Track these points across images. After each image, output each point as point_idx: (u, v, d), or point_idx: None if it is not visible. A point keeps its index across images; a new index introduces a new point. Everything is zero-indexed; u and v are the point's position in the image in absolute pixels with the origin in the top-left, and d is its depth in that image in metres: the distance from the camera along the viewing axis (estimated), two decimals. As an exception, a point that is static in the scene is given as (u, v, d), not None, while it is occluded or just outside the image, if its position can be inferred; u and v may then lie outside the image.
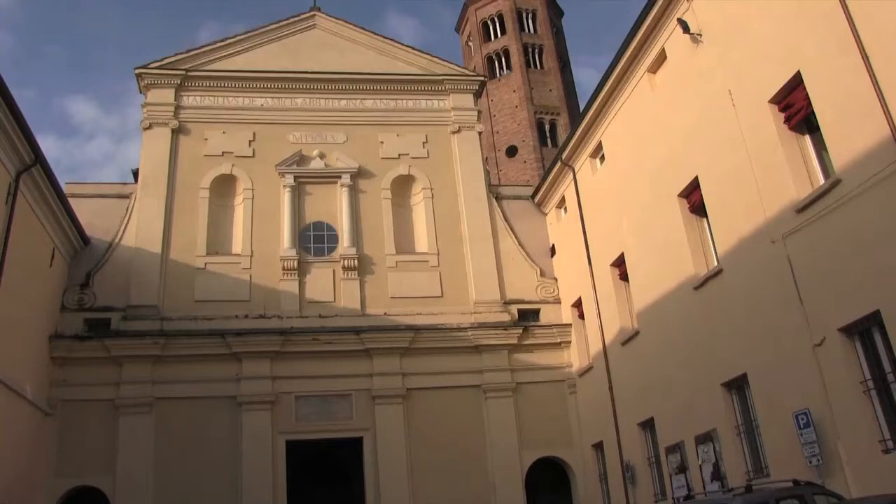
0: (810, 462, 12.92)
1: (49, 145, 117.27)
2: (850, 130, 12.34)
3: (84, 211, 22.89)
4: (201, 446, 21.43)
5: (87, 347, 21.74)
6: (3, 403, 17.55)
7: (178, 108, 25.64)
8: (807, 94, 13.43)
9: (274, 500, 21.32)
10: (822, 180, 13.56)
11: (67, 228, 22.00)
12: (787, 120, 14.20)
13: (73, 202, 22.03)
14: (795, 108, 13.93)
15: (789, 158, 14.02)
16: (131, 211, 23.98)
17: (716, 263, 16.79)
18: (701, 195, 17.07)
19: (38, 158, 18.84)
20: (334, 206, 25.26)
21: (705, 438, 16.74)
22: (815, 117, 13.37)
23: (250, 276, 23.72)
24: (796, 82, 13.70)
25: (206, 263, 23.68)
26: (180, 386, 21.93)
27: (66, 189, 22.13)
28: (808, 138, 14.12)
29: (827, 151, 13.27)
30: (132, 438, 21.14)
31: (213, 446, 21.53)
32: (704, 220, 17.48)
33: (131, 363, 21.87)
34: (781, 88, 14.06)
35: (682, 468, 17.73)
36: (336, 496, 25.46)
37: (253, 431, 21.82)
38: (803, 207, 13.40)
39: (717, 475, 16.22)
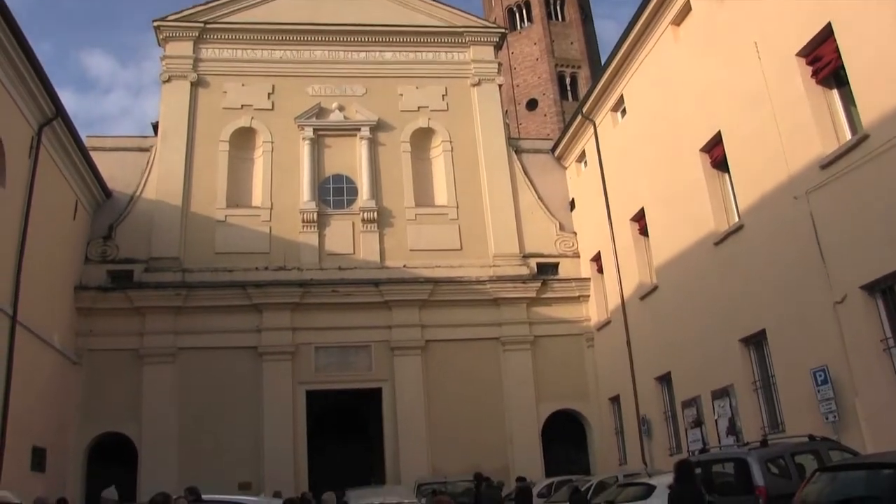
0: (826, 418, 12.97)
1: (66, 99, 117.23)
2: (880, 84, 12.07)
3: (105, 164, 23.02)
4: (223, 395, 21.85)
5: (111, 298, 22.10)
6: (32, 352, 17.95)
7: (196, 60, 25.52)
8: (836, 47, 13.12)
9: (294, 447, 21.78)
10: (848, 136, 13.32)
11: (89, 181, 22.18)
12: (815, 74, 13.89)
13: (93, 155, 22.18)
14: (824, 61, 13.62)
15: (815, 113, 13.77)
16: (152, 164, 24.09)
17: (737, 219, 16.66)
18: (723, 150, 16.86)
19: (59, 111, 18.91)
20: (353, 159, 25.22)
21: (722, 393, 16.83)
22: (844, 71, 13.10)
23: (270, 228, 23.87)
24: (826, 34, 13.37)
25: (226, 216, 23.84)
26: (202, 336, 22.29)
27: (86, 142, 22.25)
28: (835, 92, 13.84)
29: (855, 106, 13.02)
30: (156, 387, 21.60)
31: (235, 395, 21.93)
32: (726, 175, 17.29)
33: (154, 314, 22.22)
34: (810, 41, 13.73)
35: (698, 422, 17.87)
36: (356, 444, 26.01)
37: (273, 381, 22.21)
38: (828, 163, 13.21)
39: (733, 430, 16.34)
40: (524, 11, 53.69)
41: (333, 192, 24.93)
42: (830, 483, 8.42)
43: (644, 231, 21.23)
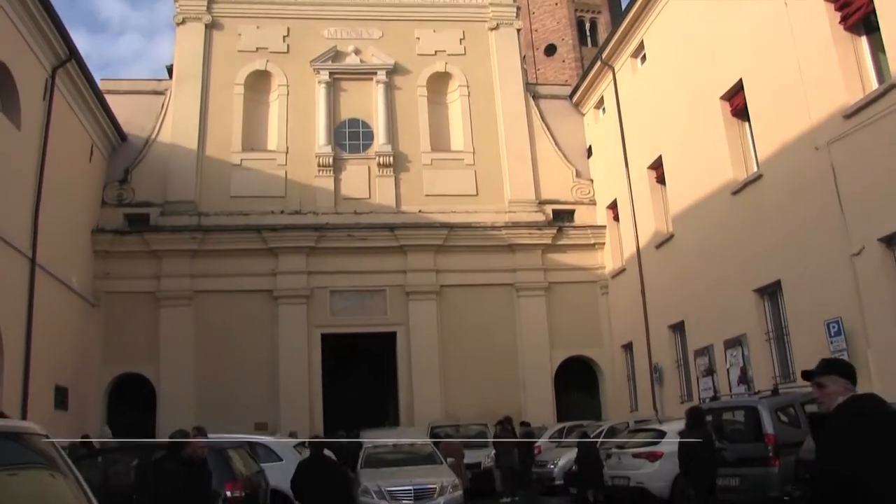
0: (839, 369, 12.95)
1: (78, 41, 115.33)
2: (909, 31, 11.74)
3: (120, 107, 22.85)
4: (239, 338, 22.10)
5: (128, 241, 22.28)
6: (51, 294, 18.21)
7: (210, 2, 25.04)
8: (868, -9, 12.73)
9: (310, 389, 22.14)
10: (875, 85, 13.01)
11: (104, 124, 22.14)
12: (844, 20, 13.49)
13: (108, 98, 22.02)
14: (854, 6, 13.21)
15: (842, 61, 13.41)
16: (167, 107, 23.96)
17: (756, 169, 16.44)
18: (744, 98, 16.55)
19: (73, 53, 18.77)
20: (370, 103, 24.98)
21: (734, 343, 16.87)
22: (875, 16, 12.71)
23: (285, 172, 23.81)
24: (857, -22, 12.98)
25: (241, 160, 23.78)
26: (218, 280, 22.48)
27: (100, 85, 22.06)
28: (864, 39, 13.47)
29: (884, 54, 12.67)
30: (173, 329, 21.91)
31: (251, 338, 22.20)
32: (746, 124, 17.01)
33: (170, 257, 22.40)
34: (840, -16, 13.33)
35: (710, 371, 17.97)
36: (370, 387, 26.40)
37: (289, 324, 22.44)
38: (852, 113, 12.94)
39: (745, 379, 16.43)
40: (544, -48, 52.23)
41: (349, 137, 24.76)
42: (839, 434, 8.48)
43: (661, 179, 21.03)
